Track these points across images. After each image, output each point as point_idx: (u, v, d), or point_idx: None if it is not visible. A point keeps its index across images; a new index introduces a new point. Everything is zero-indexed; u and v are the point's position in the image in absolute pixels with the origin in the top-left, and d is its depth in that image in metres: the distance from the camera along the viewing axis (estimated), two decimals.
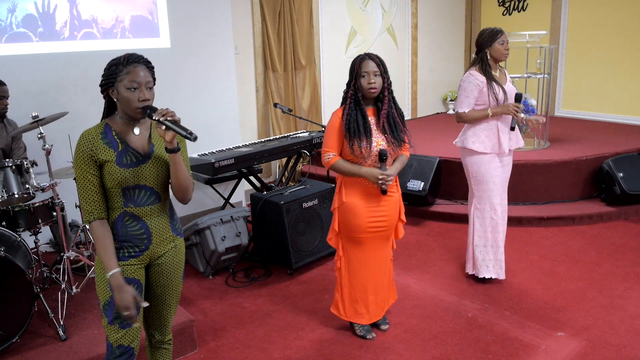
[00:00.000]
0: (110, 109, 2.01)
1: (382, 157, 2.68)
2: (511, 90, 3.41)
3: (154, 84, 2.00)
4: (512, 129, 3.37)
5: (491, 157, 3.39)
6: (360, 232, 2.82)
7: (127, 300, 1.87)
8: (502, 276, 3.53)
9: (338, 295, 3.02)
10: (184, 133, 1.86)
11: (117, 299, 1.88)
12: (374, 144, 2.69)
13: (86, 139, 1.93)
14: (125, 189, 1.95)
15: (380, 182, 2.69)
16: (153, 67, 1.98)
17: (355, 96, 2.70)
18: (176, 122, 1.87)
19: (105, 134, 1.95)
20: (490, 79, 3.33)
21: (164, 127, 1.87)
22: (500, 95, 3.32)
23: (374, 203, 2.80)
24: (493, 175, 3.41)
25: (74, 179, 3.19)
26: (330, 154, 2.76)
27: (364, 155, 2.70)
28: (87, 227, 1.95)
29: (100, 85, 1.95)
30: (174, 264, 2.12)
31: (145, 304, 1.97)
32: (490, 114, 3.31)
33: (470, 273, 3.62)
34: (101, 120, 2.02)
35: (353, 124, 2.68)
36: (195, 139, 1.86)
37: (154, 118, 1.87)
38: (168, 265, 2.10)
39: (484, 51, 3.36)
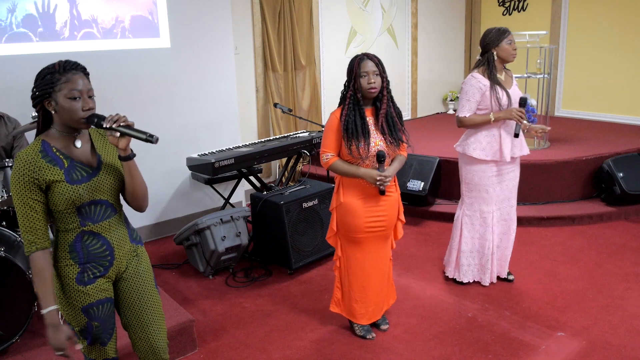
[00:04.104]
0: (45, 123, 1.82)
1: (379, 158, 2.67)
2: (516, 94, 3.27)
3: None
4: (516, 135, 3.21)
5: (488, 166, 3.31)
6: (358, 232, 2.82)
7: (61, 341, 1.77)
8: (484, 282, 3.50)
9: (338, 293, 3.03)
10: (144, 137, 1.72)
11: (52, 339, 1.77)
12: (372, 144, 2.68)
13: (25, 160, 1.73)
14: (80, 207, 1.80)
15: (378, 183, 2.68)
16: (89, 74, 1.82)
17: (355, 97, 2.69)
18: (131, 127, 1.74)
19: (46, 152, 1.77)
20: (494, 81, 3.20)
21: (117, 134, 1.73)
22: (504, 100, 3.19)
23: (372, 203, 2.79)
24: (486, 184, 3.33)
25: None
26: (329, 154, 2.76)
27: (361, 156, 2.69)
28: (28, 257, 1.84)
29: (33, 98, 1.76)
30: (140, 274, 2.00)
31: (79, 347, 1.86)
32: (493, 119, 3.19)
33: (450, 277, 3.59)
34: (35, 136, 1.83)
35: (351, 125, 2.67)
36: (156, 141, 1.72)
37: (104, 126, 1.73)
38: (134, 276, 1.98)
39: (490, 52, 3.22)
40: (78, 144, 1.84)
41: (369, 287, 2.94)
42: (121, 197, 1.97)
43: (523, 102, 3.19)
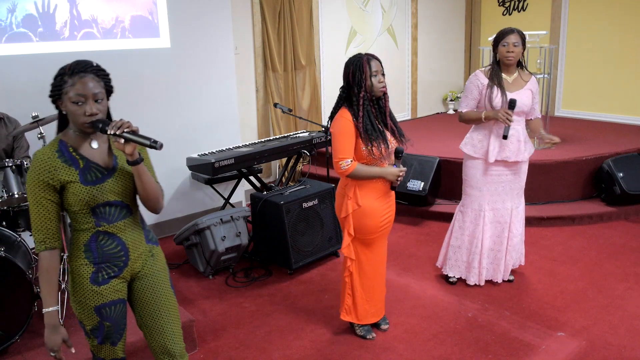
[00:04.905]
0: (63, 122, 1.85)
1: (398, 154, 2.70)
2: (523, 97, 3.22)
3: (110, 94, 1.82)
4: (505, 137, 3.15)
5: (480, 163, 3.34)
6: (373, 233, 2.82)
7: (56, 343, 1.80)
8: (469, 280, 3.50)
9: (350, 300, 2.96)
10: (148, 143, 1.71)
11: (48, 339, 1.79)
12: (388, 142, 2.72)
13: (41, 160, 1.74)
14: (94, 207, 1.80)
15: (399, 179, 2.71)
16: (106, 75, 1.81)
17: (367, 96, 2.67)
18: (135, 133, 1.72)
19: (62, 152, 1.78)
20: (493, 82, 3.22)
21: (122, 140, 1.71)
22: (496, 101, 3.20)
23: (387, 201, 2.82)
24: (479, 181, 3.36)
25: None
26: (348, 161, 2.65)
27: (384, 156, 2.71)
28: (36, 256, 1.86)
29: (50, 97, 1.79)
30: (155, 273, 1.99)
31: (74, 350, 1.85)
32: (483, 118, 3.23)
33: (439, 266, 3.67)
34: (56, 134, 1.86)
35: (369, 126, 2.66)
36: (161, 147, 1.70)
37: (108, 132, 1.71)
38: (149, 276, 1.98)
39: (494, 53, 3.28)
40: (94, 144, 1.84)
41: (376, 284, 2.97)
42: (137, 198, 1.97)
43: (512, 104, 3.15)
